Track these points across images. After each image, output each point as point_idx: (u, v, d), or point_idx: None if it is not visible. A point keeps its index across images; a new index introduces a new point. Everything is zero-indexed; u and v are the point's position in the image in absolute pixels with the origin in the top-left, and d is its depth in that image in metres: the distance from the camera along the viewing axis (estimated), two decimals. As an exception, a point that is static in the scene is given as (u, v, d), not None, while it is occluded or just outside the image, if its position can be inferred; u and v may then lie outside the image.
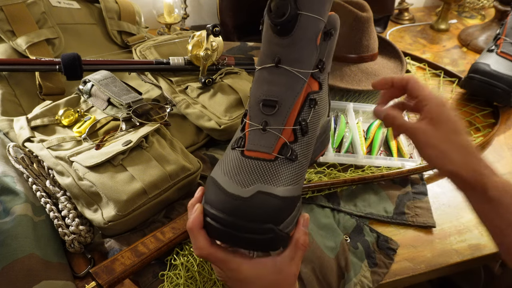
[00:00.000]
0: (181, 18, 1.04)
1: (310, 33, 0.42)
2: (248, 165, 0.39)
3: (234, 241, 0.38)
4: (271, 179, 0.39)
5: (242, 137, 0.42)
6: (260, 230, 0.36)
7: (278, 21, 0.40)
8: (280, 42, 0.42)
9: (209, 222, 0.38)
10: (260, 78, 0.44)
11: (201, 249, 0.39)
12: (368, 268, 0.56)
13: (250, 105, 0.43)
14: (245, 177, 0.39)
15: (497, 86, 0.84)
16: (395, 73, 0.89)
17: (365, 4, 0.85)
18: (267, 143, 0.41)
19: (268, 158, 0.40)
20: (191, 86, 0.74)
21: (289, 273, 0.40)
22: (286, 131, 0.41)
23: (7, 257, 0.45)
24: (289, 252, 0.40)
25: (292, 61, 0.42)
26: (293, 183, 0.40)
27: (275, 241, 0.38)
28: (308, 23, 0.41)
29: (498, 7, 1.11)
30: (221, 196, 0.38)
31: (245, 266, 0.39)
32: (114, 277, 0.47)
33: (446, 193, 0.70)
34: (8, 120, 0.64)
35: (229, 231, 0.37)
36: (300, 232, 0.41)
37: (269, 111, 0.42)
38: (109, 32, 0.83)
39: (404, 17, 1.28)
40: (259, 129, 0.41)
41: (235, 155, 0.41)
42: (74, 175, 0.54)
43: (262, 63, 0.44)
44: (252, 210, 0.37)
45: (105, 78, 0.65)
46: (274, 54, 0.42)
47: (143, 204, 0.54)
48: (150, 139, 0.60)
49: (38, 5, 0.72)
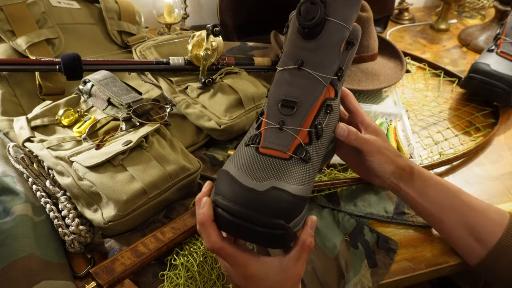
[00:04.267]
0: (181, 18, 1.05)
1: (335, 39, 0.43)
2: (263, 162, 0.40)
3: (244, 234, 0.38)
4: (285, 177, 0.39)
5: (257, 134, 0.43)
6: (272, 225, 0.37)
7: (307, 24, 0.41)
8: (305, 45, 0.43)
9: (220, 213, 0.38)
10: (281, 79, 0.44)
11: (214, 242, 0.39)
12: (368, 268, 0.56)
13: (269, 104, 0.44)
14: (260, 172, 0.39)
15: (497, 86, 0.84)
16: (395, 73, 0.89)
17: (365, 4, 0.85)
18: (283, 142, 0.41)
19: (282, 157, 0.40)
20: (191, 86, 0.74)
21: (294, 274, 0.41)
22: (302, 133, 0.42)
23: (7, 257, 0.46)
24: (295, 252, 0.41)
25: (315, 65, 0.43)
26: (305, 183, 0.41)
27: (283, 238, 0.39)
28: (334, 29, 0.42)
29: (498, 7, 1.11)
30: (235, 188, 0.38)
31: (253, 263, 0.40)
32: (114, 277, 0.47)
33: (446, 193, 0.70)
34: (8, 120, 0.64)
35: (240, 222, 0.37)
36: (307, 233, 0.41)
37: (287, 111, 0.42)
38: (109, 32, 0.83)
39: (404, 17, 1.28)
40: (276, 128, 0.42)
41: (250, 152, 0.41)
42: (74, 175, 0.54)
43: (284, 65, 0.44)
44: (266, 204, 0.37)
45: (105, 78, 0.65)
46: (297, 57, 0.43)
47: (143, 204, 0.54)
48: (150, 139, 0.60)
49: (38, 5, 0.72)
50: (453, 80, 0.99)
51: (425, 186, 0.54)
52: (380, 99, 0.89)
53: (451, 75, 1.00)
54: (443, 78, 1.00)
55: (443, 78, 1.00)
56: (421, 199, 0.54)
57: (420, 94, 0.94)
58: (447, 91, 0.96)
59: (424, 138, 0.82)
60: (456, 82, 0.97)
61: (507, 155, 0.79)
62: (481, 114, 0.88)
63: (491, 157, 0.79)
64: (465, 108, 0.90)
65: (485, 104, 0.90)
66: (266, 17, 0.99)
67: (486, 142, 0.80)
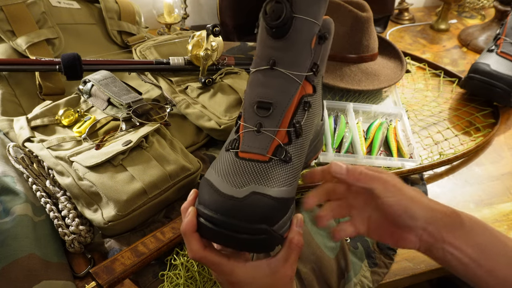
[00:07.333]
0: (181, 18, 1.04)
1: (304, 36, 0.42)
2: (242, 166, 0.40)
3: (228, 242, 0.38)
4: (265, 180, 0.39)
5: (236, 138, 0.42)
6: (254, 231, 0.36)
7: (273, 23, 0.41)
8: (275, 44, 0.42)
9: (203, 222, 0.38)
10: (254, 80, 0.44)
11: (195, 252, 0.39)
12: (368, 268, 0.56)
13: (245, 107, 0.44)
14: (239, 178, 0.39)
15: (497, 86, 0.84)
16: (395, 73, 0.89)
17: (365, 4, 0.85)
18: (261, 145, 0.41)
19: (262, 160, 0.40)
20: (191, 86, 0.74)
21: (284, 275, 0.40)
22: (280, 133, 0.42)
23: (7, 257, 0.45)
24: (283, 253, 0.40)
25: (287, 63, 0.42)
26: (287, 184, 0.40)
27: (268, 242, 0.38)
28: (303, 26, 0.42)
29: (498, 7, 1.11)
30: (215, 197, 0.38)
31: (239, 269, 0.39)
32: (114, 277, 0.47)
33: (446, 193, 0.70)
34: (8, 120, 0.64)
35: (223, 231, 0.37)
36: (293, 232, 0.40)
37: (263, 113, 0.42)
38: (109, 32, 0.83)
39: (404, 17, 1.28)
40: (254, 131, 0.42)
41: (229, 157, 0.41)
42: (74, 175, 0.54)
43: (257, 66, 0.44)
44: (246, 211, 0.37)
45: (105, 78, 0.65)
46: (269, 57, 0.43)
47: (143, 204, 0.54)
48: (150, 139, 0.60)
49: (38, 5, 0.72)
50: (453, 80, 0.99)
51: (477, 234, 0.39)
52: (380, 99, 0.89)
53: (451, 75, 1.00)
54: (443, 78, 1.00)
55: (443, 78, 1.00)
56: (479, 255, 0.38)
57: (420, 94, 0.94)
58: (447, 91, 0.96)
59: (424, 138, 0.82)
60: (456, 82, 0.97)
61: (507, 155, 0.79)
62: (481, 114, 0.88)
63: (491, 157, 0.79)
64: (465, 108, 0.90)
65: (485, 104, 0.90)
66: (266, 17, 0.99)
67: (486, 142, 0.80)
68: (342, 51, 0.85)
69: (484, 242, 0.38)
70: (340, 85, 0.83)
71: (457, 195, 0.70)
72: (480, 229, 0.39)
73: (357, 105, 0.82)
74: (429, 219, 0.39)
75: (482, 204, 0.69)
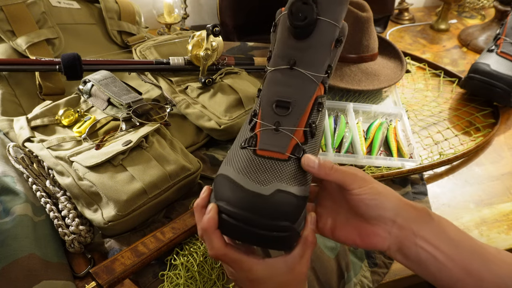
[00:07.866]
0: (181, 18, 1.04)
1: (326, 38, 0.43)
2: (263, 164, 0.40)
3: (251, 239, 0.38)
4: (287, 178, 0.39)
5: (253, 136, 0.42)
6: (278, 228, 0.37)
7: (299, 24, 0.41)
8: (297, 45, 0.42)
9: (226, 219, 0.38)
10: (273, 79, 0.44)
11: (216, 249, 0.39)
12: (368, 268, 0.56)
13: (262, 105, 0.44)
14: (262, 175, 0.39)
15: (497, 86, 0.84)
16: (395, 73, 0.89)
17: (365, 4, 0.85)
18: (281, 143, 0.41)
19: (282, 158, 0.40)
20: (191, 86, 0.74)
21: (300, 271, 0.40)
22: (298, 132, 0.42)
23: (7, 257, 0.45)
24: (299, 250, 0.40)
25: (307, 64, 0.43)
26: (305, 183, 0.41)
27: (290, 240, 0.39)
28: (326, 28, 0.42)
29: (498, 7, 1.11)
30: (239, 193, 0.38)
31: (258, 266, 0.39)
32: (114, 277, 0.47)
33: (446, 193, 0.70)
34: (8, 120, 0.64)
35: (248, 228, 0.37)
36: (308, 230, 0.41)
37: (282, 112, 0.42)
38: (109, 32, 0.83)
39: (404, 17, 1.28)
40: (272, 129, 0.42)
41: (247, 154, 0.41)
42: (74, 175, 0.54)
43: (276, 65, 0.44)
44: (273, 208, 0.37)
45: (105, 78, 0.65)
46: (289, 57, 0.43)
47: (143, 204, 0.54)
48: (150, 139, 0.60)
49: (38, 5, 0.72)
50: (453, 80, 0.99)
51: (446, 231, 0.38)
52: (380, 99, 0.89)
53: (451, 75, 1.00)
54: (443, 78, 1.00)
55: (443, 78, 1.00)
56: (451, 250, 0.37)
57: (420, 94, 0.94)
58: (447, 91, 0.96)
59: (424, 138, 0.82)
60: (456, 82, 0.97)
61: (507, 155, 0.79)
62: (481, 114, 0.88)
63: (491, 157, 0.79)
64: (465, 108, 0.90)
65: (485, 104, 0.90)
66: (266, 17, 0.99)
67: (486, 142, 0.80)
68: (342, 51, 0.85)
69: (455, 237, 0.37)
70: (340, 85, 0.83)
71: (457, 195, 0.70)
72: (447, 223, 0.39)
73: (357, 105, 0.82)
74: (398, 210, 0.38)
75: (482, 204, 0.69)
